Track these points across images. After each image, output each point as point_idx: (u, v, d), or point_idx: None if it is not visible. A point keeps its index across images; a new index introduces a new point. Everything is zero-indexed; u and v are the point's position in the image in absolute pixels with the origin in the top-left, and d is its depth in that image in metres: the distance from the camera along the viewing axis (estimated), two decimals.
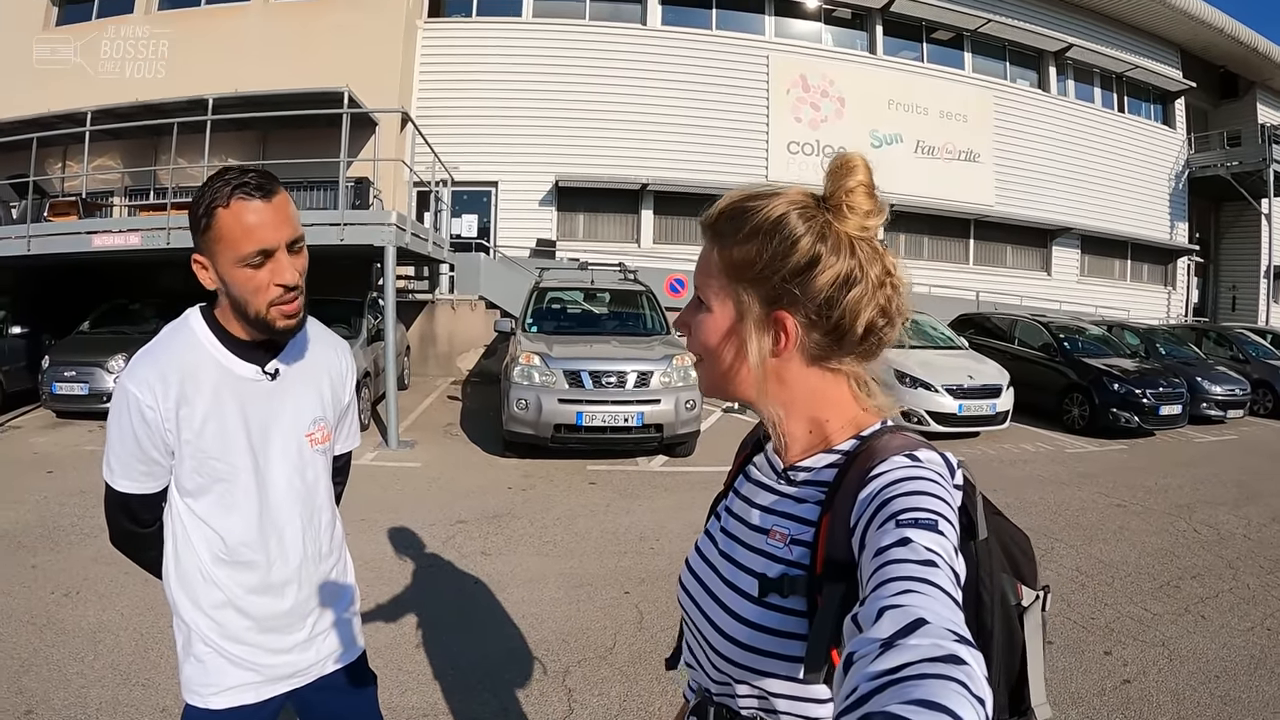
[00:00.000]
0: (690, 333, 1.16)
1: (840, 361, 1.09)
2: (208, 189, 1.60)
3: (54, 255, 12.53)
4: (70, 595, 5.04)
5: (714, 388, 1.16)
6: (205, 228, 1.61)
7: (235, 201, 1.59)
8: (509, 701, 3.90)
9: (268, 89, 15.49)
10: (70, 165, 17.49)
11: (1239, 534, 7.22)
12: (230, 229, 1.59)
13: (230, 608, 1.78)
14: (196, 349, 1.72)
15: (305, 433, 1.85)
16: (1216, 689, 4.20)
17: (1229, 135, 26.32)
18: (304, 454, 1.85)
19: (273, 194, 1.63)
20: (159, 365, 1.68)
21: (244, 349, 1.74)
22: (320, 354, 1.92)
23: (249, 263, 1.62)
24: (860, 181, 1.04)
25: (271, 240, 1.62)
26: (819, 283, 1.02)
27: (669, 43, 20.51)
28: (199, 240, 1.65)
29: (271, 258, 1.64)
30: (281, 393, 1.80)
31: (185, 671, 1.83)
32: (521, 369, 8.99)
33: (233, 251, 1.61)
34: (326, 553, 1.95)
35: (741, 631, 1.08)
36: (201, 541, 1.76)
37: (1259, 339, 18.07)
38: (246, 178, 1.61)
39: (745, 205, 1.09)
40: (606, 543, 6.44)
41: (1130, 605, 5.39)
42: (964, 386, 11.26)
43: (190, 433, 1.69)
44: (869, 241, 1.06)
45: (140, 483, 1.74)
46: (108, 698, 3.78)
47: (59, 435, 10.17)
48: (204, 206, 1.60)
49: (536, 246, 19.36)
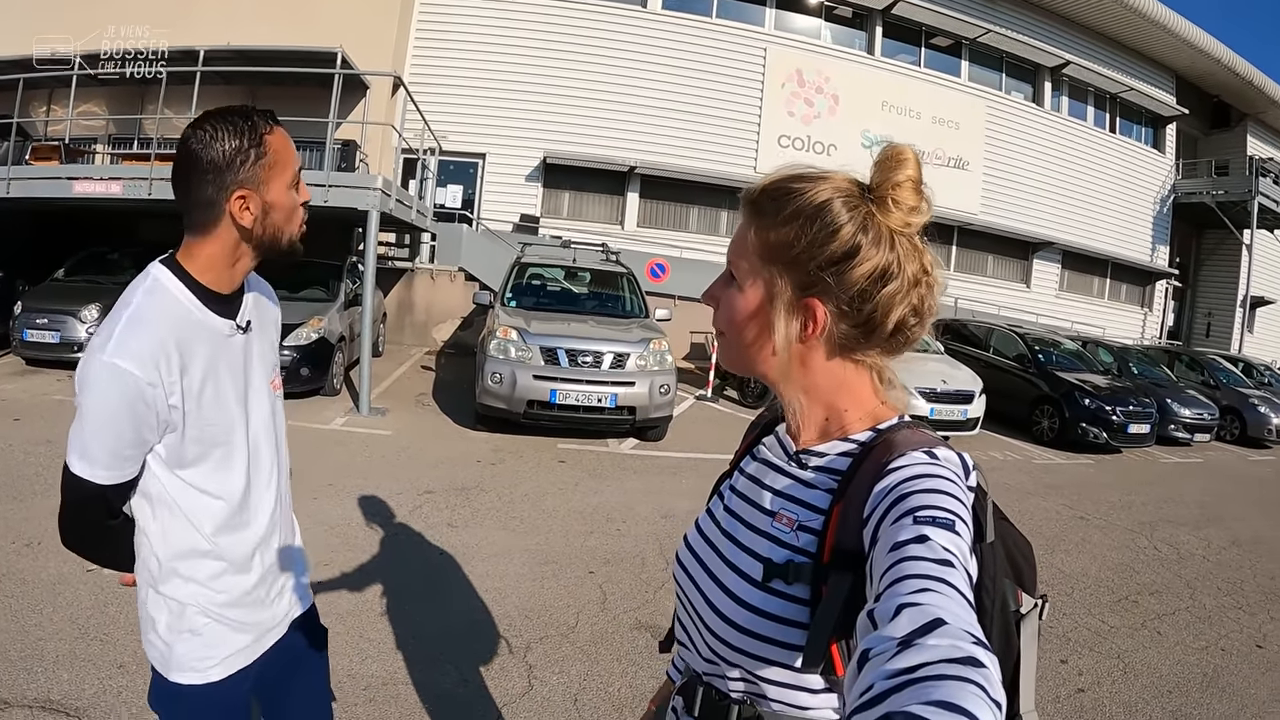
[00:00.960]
0: (718, 306, 1.14)
1: (865, 354, 1.08)
2: (238, 122, 1.59)
3: (33, 199, 12.36)
4: (31, 546, 4.97)
5: (736, 363, 1.15)
6: (259, 157, 1.59)
7: (274, 128, 1.63)
8: (469, 674, 3.89)
9: (261, 44, 15.30)
10: (55, 109, 17.23)
11: (1199, 554, 7.32)
12: (281, 151, 1.62)
13: (230, 573, 1.72)
14: (180, 310, 1.60)
15: (269, 379, 1.84)
16: (1168, 704, 4.25)
17: (1217, 164, 26.54)
18: (272, 401, 1.84)
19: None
20: (156, 337, 1.53)
21: (218, 303, 1.67)
22: (267, 302, 1.90)
23: (294, 183, 1.67)
24: (909, 176, 1.02)
25: (298, 161, 1.70)
26: (855, 274, 1.01)
27: (668, 27, 20.41)
28: (245, 173, 1.58)
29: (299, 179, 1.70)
30: (250, 343, 1.77)
31: (178, 651, 1.70)
32: (498, 342, 8.96)
33: (288, 172, 1.65)
34: (286, 497, 1.92)
35: (741, 615, 1.07)
36: (202, 512, 1.66)
37: (1230, 366, 18.34)
38: (259, 109, 1.64)
39: (789, 186, 1.06)
40: (573, 522, 6.43)
41: (1088, 616, 5.44)
42: (937, 390, 11.32)
43: (191, 402, 1.59)
44: (910, 238, 1.04)
45: (123, 470, 1.57)
46: (65, 651, 3.74)
47: (28, 383, 10.04)
48: (252, 136, 1.58)
49: (520, 221, 19.27)
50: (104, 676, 3.55)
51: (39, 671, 3.55)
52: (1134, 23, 23.46)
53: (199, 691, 1.72)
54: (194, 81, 13.47)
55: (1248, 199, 25.08)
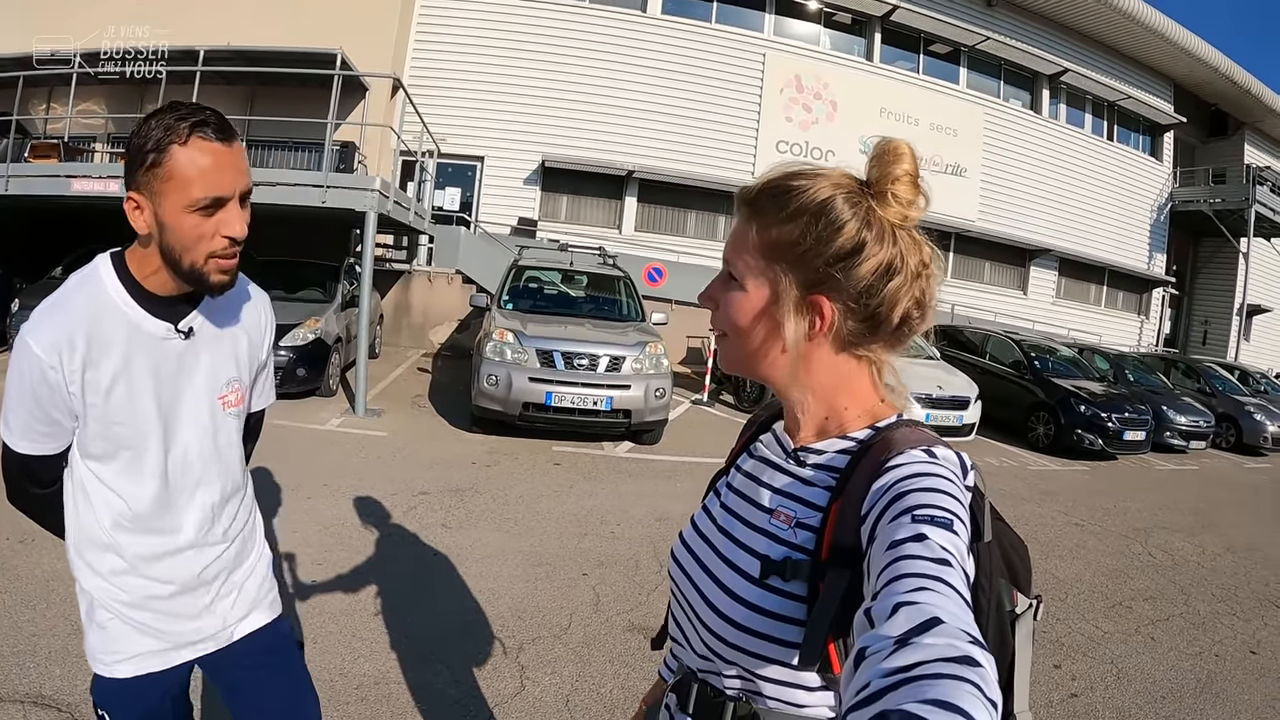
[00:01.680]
0: (717, 308, 1.13)
1: (869, 349, 1.08)
2: (159, 122, 1.47)
3: (31, 197, 12.35)
4: (25, 542, 4.95)
5: (739, 364, 1.14)
6: (153, 164, 1.47)
7: (195, 140, 1.46)
8: (462, 674, 3.88)
9: (261, 45, 15.30)
10: (54, 107, 17.23)
11: (1193, 561, 7.32)
12: (185, 170, 1.46)
13: (132, 574, 1.70)
14: (105, 304, 1.58)
15: (218, 395, 1.74)
16: (1162, 709, 4.25)
17: (1214, 172, 26.58)
18: (216, 417, 1.75)
19: (233, 138, 1.51)
20: (66, 325, 1.54)
21: (156, 305, 1.61)
22: (238, 310, 1.80)
23: (199, 208, 1.49)
24: (906, 170, 1.02)
25: (227, 187, 1.50)
26: (861, 270, 1.01)
27: (667, 32, 20.46)
28: (140, 177, 1.49)
29: (223, 207, 1.52)
30: (195, 352, 1.69)
31: (89, 640, 1.77)
32: (494, 345, 8.96)
33: (184, 195, 1.47)
34: (235, 517, 1.85)
35: (737, 611, 1.07)
36: (104, 506, 1.66)
37: (1227, 374, 18.34)
38: (206, 115, 1.48)
39: (789, 184, 1.06)
40: (567, 524, 6.42)
41: (1082, 622, 5.44)
42: (933, 396, 11.34)
43: (96, 396, 1.58)
44: (909, 231, 1.05)
45: (40, 444, 1.62)
46: (58, 647, 3.72)
47: None
48: (154, 141, 1.46)
49: (518, 225, 19.29)
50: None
51: (31, 667, 3.54)
52: (1132, 31, 23.53)
53: (108, 685, 1.76)
54: (194, 81, 13.48)
55: (1245, 207, 25.11)
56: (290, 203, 10.82)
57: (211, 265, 1.55)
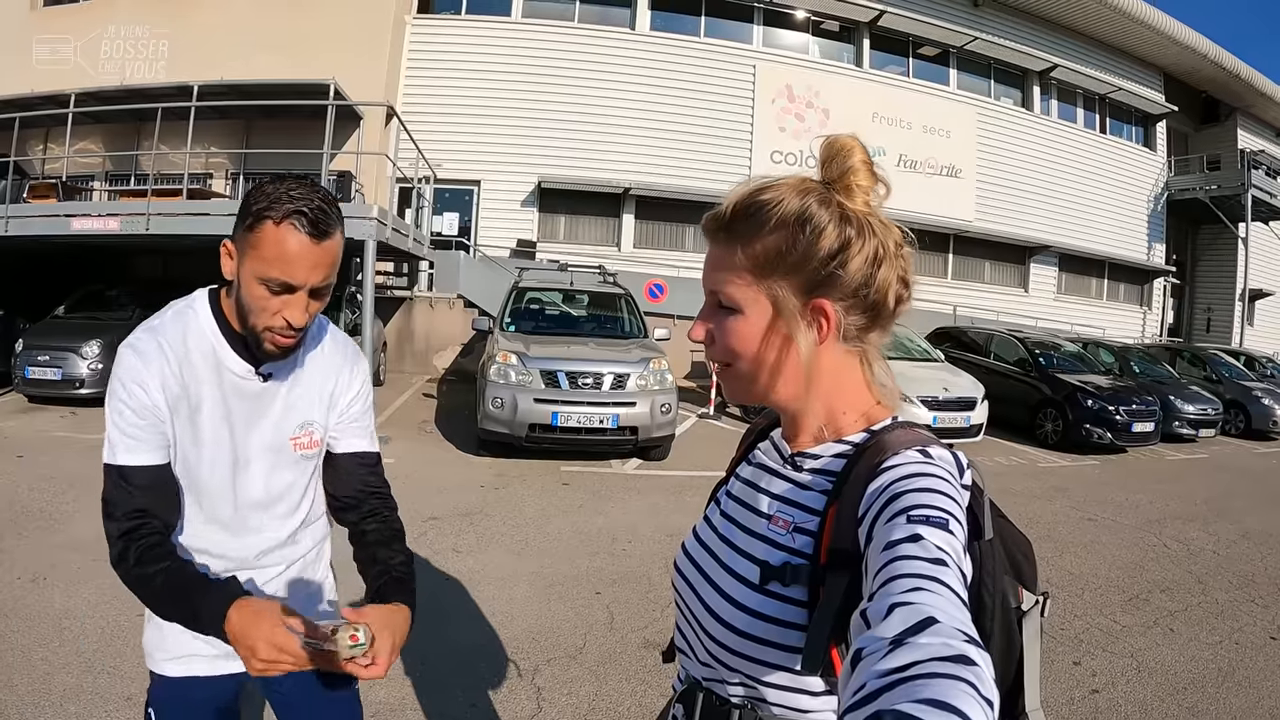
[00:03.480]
0: (715, 341, 1.12)
1: (866, 340, 1.08)
2: (269, 193, 1.52)
3: (32, 237, 12.42)
4: (37, 581, 4.97)
5: (751, 393, 1.12)
6: (247, 228, 1.53)
7: (287, 224, 1.50)
8: (478, 698, 3.87)
9: (254, 78, 15.39)
10: (52, 147, 17.35)
11: (1208, 549, 7.29)
12: (267, 246, 1.51)
13: None
14: (197, 334, 1.67)
15: (290, 436, 1.78)
16: (1184, 701, 4.23)
17: (1209, 159, 26.64)
18: (284, 456, 1.79)
19: (326, 235, 1.55)
20: (159, 341, 1.64)
21: (241, 344, 1.68)
22: (323, 360, 1.85)
23: (268, 285, 1.54)
24: (860, 160, 1.05)
25: (299, 279, 1.55)
26: (854, 265, 1.02)
27: (657, 48, 20.56)
28: (238, 231, 1.56)
29: (291, 292, 1.56)
30: (272, 394, 1.74)
31: (145, 634, 1.83)
32: (498, 367, 8.96)
33: (259, 267, 1.53)
34: (298, 544, 1.91)
35: (738, 618, 1.07)
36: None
37: (1232, 360, 18.27)
38: (310, 206, 1.52)
39: (759, 199, 1.06)
40: (579, 543, 6.41)
41: (1100, 617, 5.42)
42: (939, 399, 11.31)
43: (177, 415, 1.64)
44: (877, 215, 1.06)
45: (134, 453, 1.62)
46: (72, 684, 3.72)
47: (30, 420, 10.05)
48: (257, 208, 1.51)
49: (517, 247, 19.35)
50: (111, 709, 3.54)
51: (46, 706, 3.54)
52: (1118, 22, 23.61)
53: (157, 681, 1.84)
54: (189, 117, 13.55)
55: (1241, 192, 25.12)
56: None
57: (267, 336, 1.60)
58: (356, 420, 1.96)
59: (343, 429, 1.93)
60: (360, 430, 1.98)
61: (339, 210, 1.60)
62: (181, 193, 13.30)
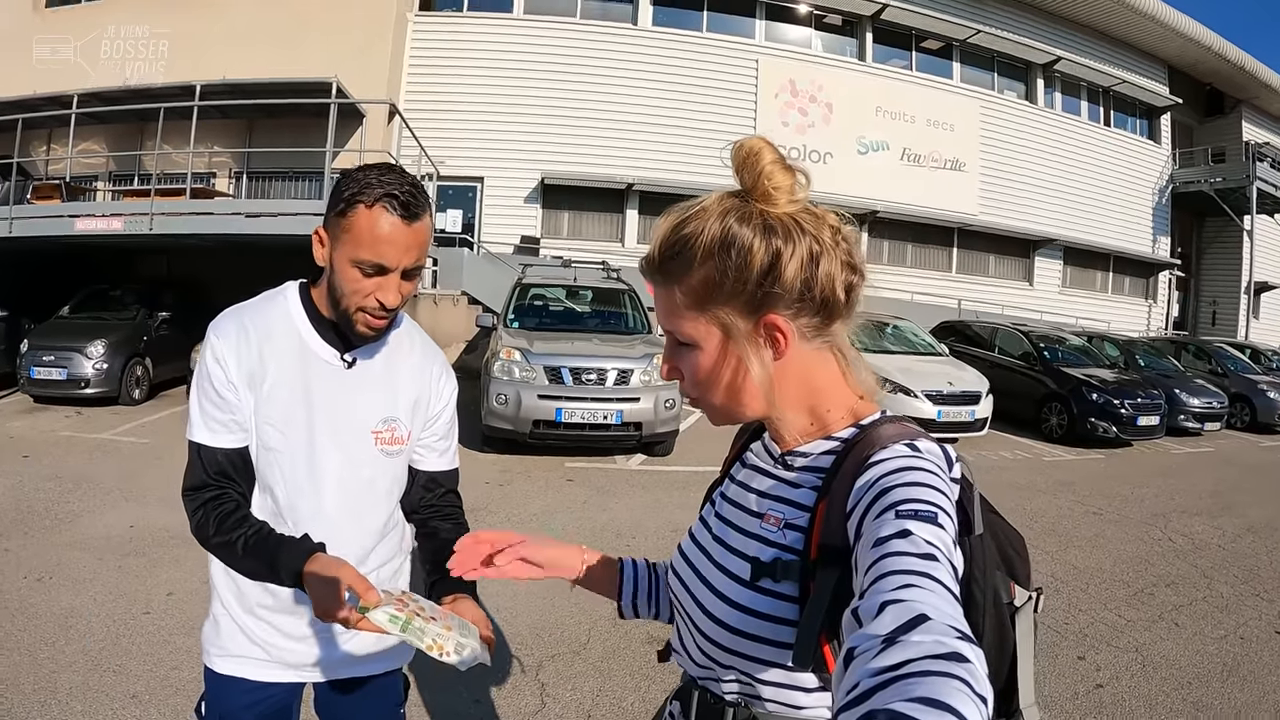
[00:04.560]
0: (683, 377, 1.12)
1: (830, 334, 1.07)
2: (360, 179, 1.56)
3: (36, 238, 12.45)
4: (43, 580, 4.99)
5: (725, 416, 1.13)
6: (341, 212, 1.57)
7: (379, 207, 1.54)
8: (482, 694, 3.88)
9: (256, 77, 15.40)
10: (55, 148, 17.38)
11: (1214, 544, 7.27)
12: (360, 229, 1.55)
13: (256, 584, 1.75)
14: (283, 318, 1.72)
15: (371, 429, 1.78)
16: (1189, 695, 4.22)
17: (1213, 152, 26.57)
18: (366, 450, 1.78)
19: (417, 217, 1.59)
20: (241, 319, 1.69)
21: (329, 330, 1.72)
22: (411, 358, 1.87)
23: (361, 268, 1.58)
24: (771, 160, 1.01)
25: (393, 261, 1.58)
26: (789, 273, 1.00)
27: (659, 43, 20.54)
28: (330, 218, 1.61)
29: (384, 274, 1.60)
30: (356, 383, 1.75)
31: (203, 630, 1.86)
32: (502, 364, 8.96)
33: (353, 250, 1.57)
34: (367, 556, 1.85)
35: (731, 615, 1.07)
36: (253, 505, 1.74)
37: (1238, 353, 18.26)
38: (401, 189, 1.56)
39: (680, 235, 1.05)
40: (583, 539, 6.33)
41: (1104, 611, 5.41)
42: (943, 393, 11.29)
43: (254, 392, 1.68)
44: (806, 210, 1.04)
45: (215, 434, 1.68)
46: (78, 682, 3.74)
47: (35, 420, 10.08)
48: (349, 193, 1.56)
49: (520, 243, 19.34)
50: (117, 707, 3.55)
51: (52, 704, 3.55)
52: (1122, 15, 23.55)
53: (210, 675, 1.84)
54: (191, 116, 13.56)
55: (1246, 185, 25.06)
56: (292, 232, 10.89)
57: (360, 317, 1.65)
58: (443, 436, 2.01)
59: (427, 444, 1.95)
60: (445, 447, 2.03)
61: (427, 195, 1.64)
62: (185, 192, 13.34)
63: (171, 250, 14.95)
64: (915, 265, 22.70)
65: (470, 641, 1.27)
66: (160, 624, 4.43)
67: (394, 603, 1.30)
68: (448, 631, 1.27)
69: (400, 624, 1.26)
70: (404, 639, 1.26)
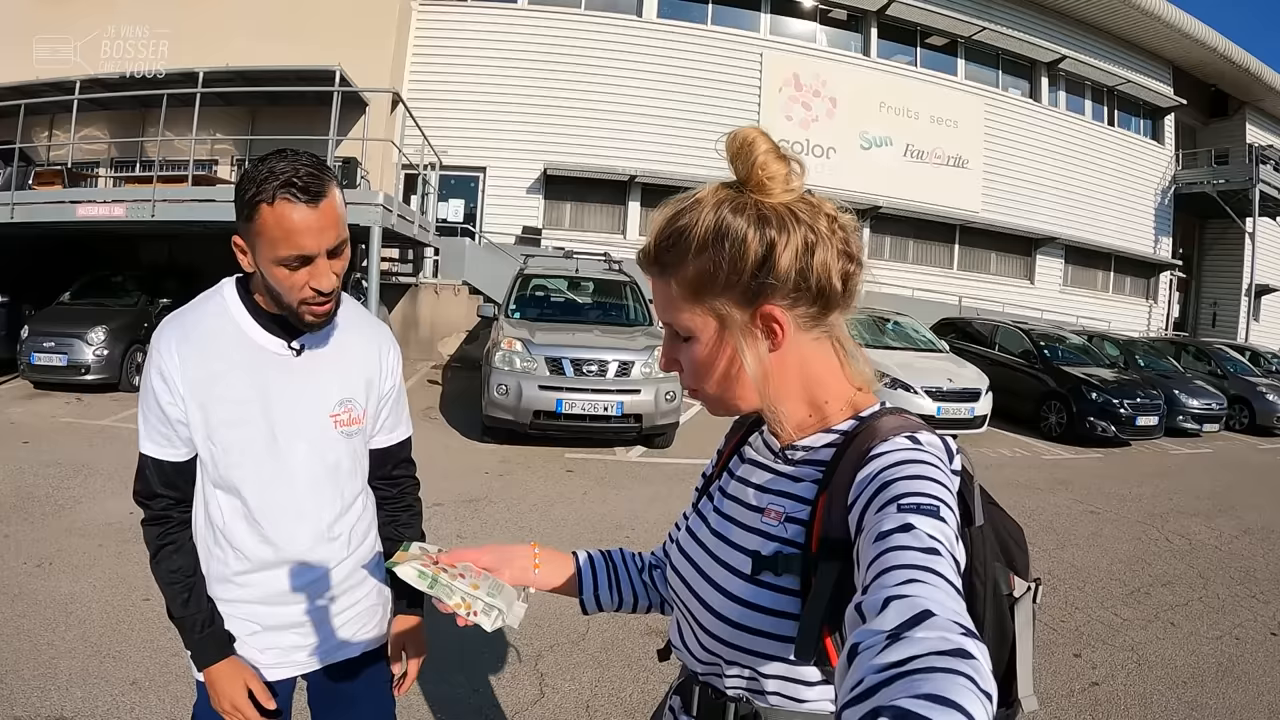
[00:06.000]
0: (683, 369, 1.13)
1: (827, 323, 1.07)
2: (255, 178, 1.51)
3: (37, 224, 12.44)
4: (43, 566, 5.00)
5: (724, 406, 1.13)
6: (247, 218, 1.53)
7: (280, 201, 1.50)
8: (480, 684, 3.89)
9: (260, 64, 15.36)
10: (57, 134, 17.32)
11: (1210, 544, 7.29)
12: (270, 229, 1.52)
13: (229, 582, 1.75)
14: (223, 317, 1.69)
15: (330, 413, 1.78)
16: (1184, 695, 4.23)
17: (1217, 153, 26.50)
18: (327, 434, 1.78)
19: (322, 195, 1.53)
20: (183, 327, 1.67)
21: (272, 321, 1.70)
22: (358, 337, 1.86)
23: (286, 265, 1.55)
24: (765, 150, 1.01)
25: (313, 247, 1.55)
26: (783, 264, 1.00)
27: (663, 36, 20.49)
28: (240, 226, 1.57)
29: (310, 263, 1.57)
30: (308, 369, 1.74)
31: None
32: (503, 354, 8.97)
33: (271, 251, 1.54)
34: (339, 538, 1.85)
35: (733, 609, 1.07)
36: (215, 510, 1.73)
37: (1238, 355, 18.27)
38: (297, 176, 1.51)
39: (676, 226, 1.05)
40: (582, 530, 6.43)
41: (1101, 610, 5.42)
42: (943, 389, 11.30)
43: (206, 397, 1.65)
44: (802, 199, 1.04)
45: (161, 448, 1.69)
46: (78, 668, 3.75)
47: (36, 406, 10.08)
48: (248, 196, 1.51)
49: (522, 234, 19.30)
50: (117, 693, 3.56)
51: (52, 690, 3.56)
52: (1128, 14, 23.48)
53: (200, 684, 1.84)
54: (194, 103, 13.54)
55: (1249, 187, 24.99)
56: None
57: (303, 310, 1.63)
58: (392, 413, 2.00)
59: (381, 420, 1.96)
60: (397, 419, 2.03)
61: (329, 169, 1.59)
62: (187, 179, 13.30)
63: (173, 237, 14.91)
64: (917, 261, 22.69)
65: (497, 603, 1.26)
66: (160, 610, 4.39)
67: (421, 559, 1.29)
68: (474, 590, 1.26)
69: (429, 580, 1.25)
70: (433, 595, 1.25)
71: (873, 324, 13.38)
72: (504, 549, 1.35)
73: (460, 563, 1.29)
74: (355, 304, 1.90)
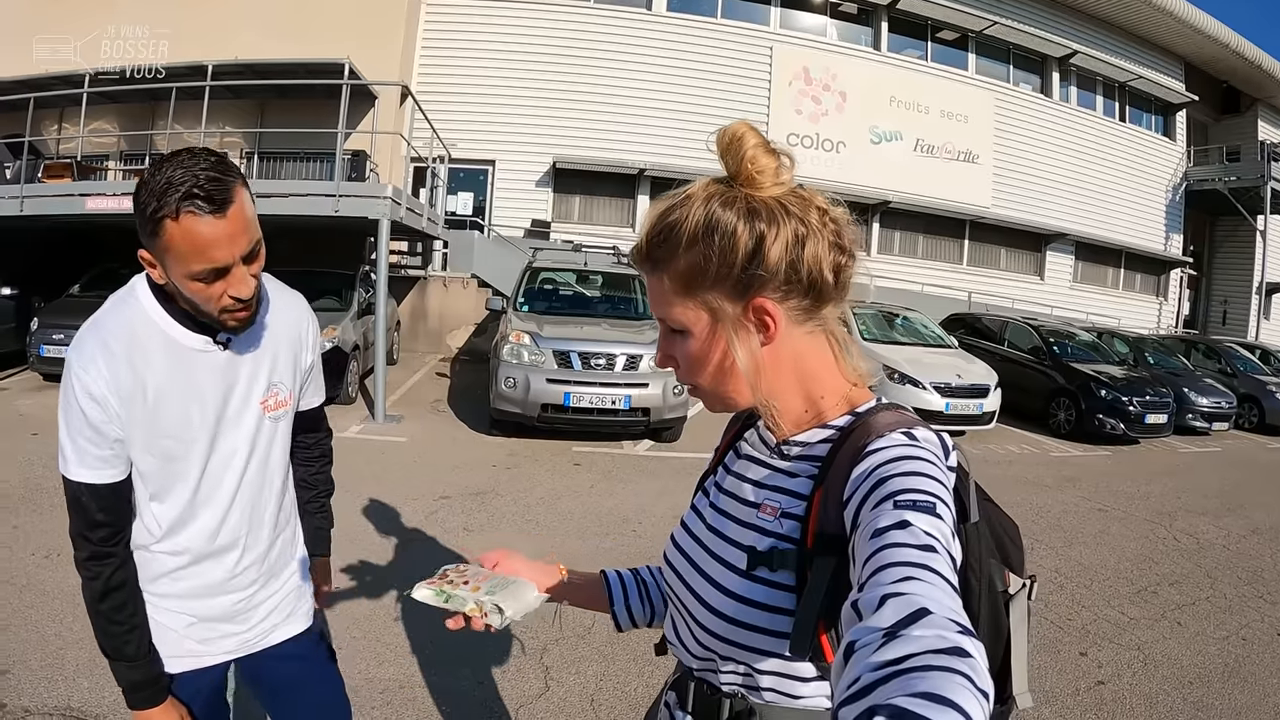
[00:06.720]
0: (678, 364, 1.13)
1: (821, 317, 1.07)
2: (154, 190, 1.42)
3: (47, 217, 12.46)
4: (51, 557, 5.02)
5: (720, 401, 1.13)
6: (151, 234, 1.45)
7: (185, 215, 1.41)
8: (485, 677, 3.90)
9: (268, 57, 15.36)
10: (66, 127, 17.34)
11: (1219, 544, 7.27)
12: (178, 245, 1.44)
13: (164, 578, 1.75)
14: (143, 321, 1.61)
15: (259, 400, 1.77)
16: (1190, 695, 4.23)
17: (1228, 150, 26.34)
18: (260, 423, 1.78)
19: (228, 202, 1.45)
20: (103, 338, 1.57)
21: (191, 319, 1.62)
22: (278, 317, 1.81)
23: (200, 279, 1.48)
24: (754, 144, 1.03)
25: (225, 258, 1.48)
26: (773, 256, 1.00)
27: (673, 29, 20.44)
28: (144, 240, 1.49)
29: (226, 274, 1.51)
30: (235, 361, 1.71)
31: None
32: (511, 347, 8.98)
33: (182, 266, 1.47)
34: (273, 522, 1.88)
35: (728, 605, 1.08)
36: (150, 518, 1.70)
37: (1248, 354, 18.17)
38: (198, 185, 1.41)
39: (666, 221, 1.06)
40: (589, 524, 6.44)
41: (1107, 609, 5.41)
42: (951, 385, 11.28)
43: (140, 409, 1.60)
44: (792, 193, 1.04)
45: (97, 470, 1.61)
46: (85, 659, 3.75)
47: (45, 398, 10.10)
48: (150, 210, 1.42)
49: (531, 227, 19.32)
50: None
51: (59, 680, 3.59)
52: (1140, 10, 23.35)
53: None
54: (203, 96, 13.55)
55: (1260, 184, 24.85)
56: (304, 213, 10.89)
57: (225, 317, 1.59)
58: (314, 379, 2.02)
59: (304, 393, 1.99)
60: (316, 387, 2.06)
61: (232, 167, 1.51)
62: None
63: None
64: (926, 256, 22.64)
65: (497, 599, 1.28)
66: None
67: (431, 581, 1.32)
68: (477, 593, 1.28)
69: (444, 598, 1.28)
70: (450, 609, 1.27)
71: (882, 319, 13.38)
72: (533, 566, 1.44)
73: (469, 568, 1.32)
74: (272, 281, 1.84)
